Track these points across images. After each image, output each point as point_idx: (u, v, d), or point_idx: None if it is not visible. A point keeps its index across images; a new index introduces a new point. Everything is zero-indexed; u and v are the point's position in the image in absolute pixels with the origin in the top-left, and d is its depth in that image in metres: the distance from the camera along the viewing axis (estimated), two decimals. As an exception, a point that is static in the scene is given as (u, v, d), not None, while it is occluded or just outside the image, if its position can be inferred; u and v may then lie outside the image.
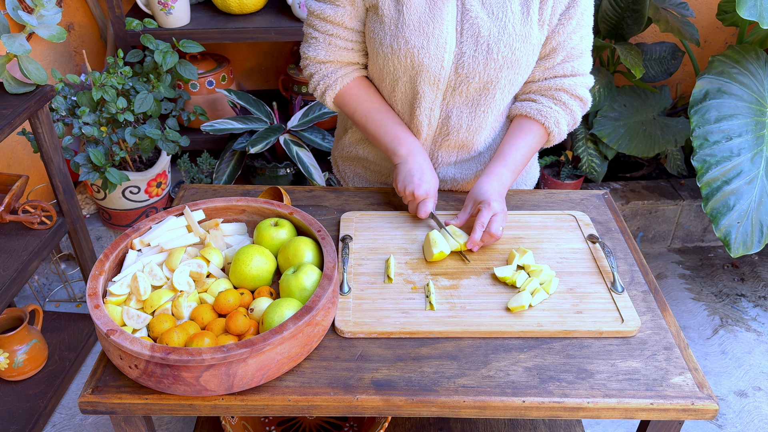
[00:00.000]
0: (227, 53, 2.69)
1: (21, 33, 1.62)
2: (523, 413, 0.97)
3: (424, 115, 1.29)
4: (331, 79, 1.31)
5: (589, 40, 1.29)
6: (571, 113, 1.31)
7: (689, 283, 2.50)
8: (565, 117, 1.31)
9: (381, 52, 1.24)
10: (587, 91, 1.32)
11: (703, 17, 2.63)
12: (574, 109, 1.31)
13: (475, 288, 1.14)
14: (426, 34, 1.19)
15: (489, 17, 1.19)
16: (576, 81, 1.29)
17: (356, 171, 1.50)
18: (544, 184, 2.59)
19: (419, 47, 1.20)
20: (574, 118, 1.33)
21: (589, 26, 1.27)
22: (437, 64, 1.21)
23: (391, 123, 1.31)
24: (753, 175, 1.93)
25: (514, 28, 1.19)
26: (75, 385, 2.02)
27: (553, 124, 1.30)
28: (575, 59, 1.28)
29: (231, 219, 1.22)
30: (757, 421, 1.96)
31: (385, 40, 1.22)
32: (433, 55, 1.20)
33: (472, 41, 1.19)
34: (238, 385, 0.94)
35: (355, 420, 1.45)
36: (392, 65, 1.24)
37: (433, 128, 1.31)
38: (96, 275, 1.03)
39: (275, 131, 2.25)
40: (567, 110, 1.31)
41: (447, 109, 1.29)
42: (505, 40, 1.19)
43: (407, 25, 1.20)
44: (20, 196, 1.84)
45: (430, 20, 1.19)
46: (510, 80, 1.25)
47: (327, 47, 1.29)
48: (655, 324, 1.09)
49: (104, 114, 2.04)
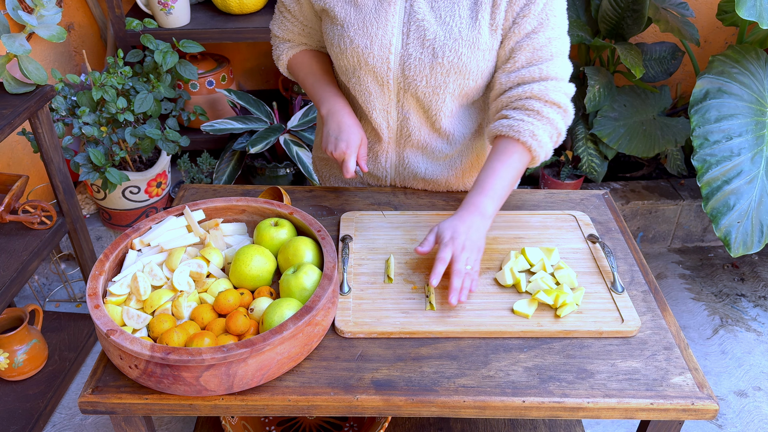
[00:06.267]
0: (227, 53, 2.69)
1: (21, 33, 1.61)
2: (523, 413, 0.97)
3: (381, 116, 1.29)
4: (280, 50, 1.42)
5: (561, 42, 1.19)
6: (549, 122, 1.19)
7: (689, 283, 2.50)
8: (541, 127, 1.18)
9: (333, 52, 1.27)
10: (565, 96, 1.20)
11: (703, 17, 2.63)
12: (552, 117, 1.19)
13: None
14: (370, 35, 1.20)
15: (436, 20, 1.17)
16: (547, 86, 1.18)
17: (332, 172, 1.50)
18: (544, 184, 2.59)
19: (363, 47, 1.21)
20: (554, 127, 1.20)
21: (558, 27, 1.18)
22: (383, 65, 1.22)
23: (319, 85, 1.34)
24: (753, 174, 1.93)
25: (460, 32, 1.16)
26: (75, 385, 2.02)
27: (529, 137, 1.18)
28: (544, 62, 1.18)
29: (231, 219, 1.22)
30: (757, 421, 1.96)
31: (334, 41, 1.25)
32: (377, 55, 1.21)
33: (418, 44, 1.19)
34: (238, 385, 0.94)
35: (355, 420, 1.45)
36: (343, 65, 1.27)
37: (393, 130, 1.32)
38: (96, 275, 1.03)
39: (275, 131, 2.25)
40: (542, 119, 1.18)
41: (404, 111, 1.28)
42: (451, 44, 1.17)
43: (353, 25, 1.21)
44: (20, 196, 1.84)
45: (375, 20, 1.19)
46: (460, 85, 1.22)
47: (281, 25, 1.39)
48: (655, 324, 1.09)
49: (104, 114, 2.04)
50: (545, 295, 1.09)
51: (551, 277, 1.14)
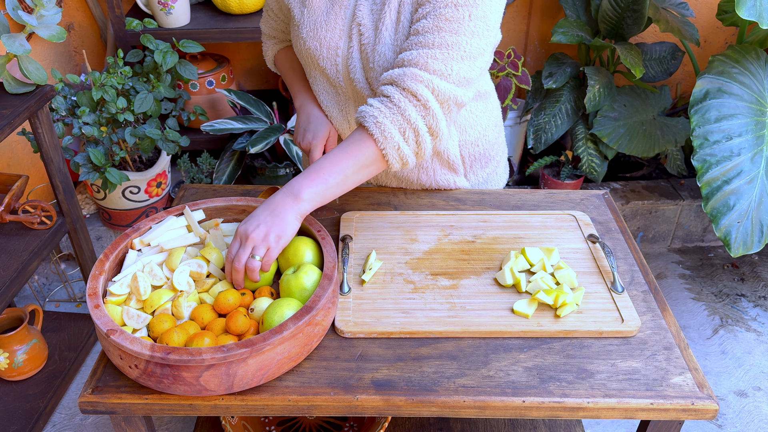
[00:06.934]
0: (227, 53, 2.69)
1: (21, 33, 1.61)
2: (523, 413, 0.97)
3: (338, 114, 1.30)
4: (266, 46, 1.46)
5: (457, 37, 1.04)
6: (398, 110, 1.04)
7: (689, 283, 2.50)
8: (388, 116, 1.04)
9: (295, 51, 1.30)
10: (426, 89, 1.04)
11: (703, 17, 2.63)
12: (402, 105, 1.04)
13: (475, 288, 1.14)
14: (319, 37, 1.21)
15: (371, 24, 1.17)
16: (408, 72, 1.04)
17: None
18: (544, 184, 2.59)
19: (313, 49, 1.23)
20: (405, 119, 1.04)
21: (459, 21, 1.04)
22: (332, 67, 1.23)
23: (294, 81, 1.38)
24: (753, 174, 1.93)
25: (388, 37, 1.14)
26: (75, 385, 2.02)
27: (372, 125, 1.05)
28: (423, 48, 1.05)
29: (231, 219, 1.22)
30: (757, 421, 1.96)
31: (293, 40, 1.28)
32: (326, 58, 1.22)
33: (357, 47, 1.19)
34: (238, 385, 0.94)
35: (355, 420, 1.45)
36: (303, 64, 1.30)
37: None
38: (96, 275, 1.03)
39: (275, 131, 2.25)
40: (391, 106, 1.05)
41: None
42: (379, 48, 1.16)
43: (305, 26, 1.23)
44: (20, 196, 1.84)
45: (325, 23, 1.20)
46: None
47: (267, 22, 1.43)
48: (655, 324, 1.09)
49: (104, 114, 2.04)
50: (545, 295, 1.09)
51: (551, 277, 1.14)
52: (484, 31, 1.07)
